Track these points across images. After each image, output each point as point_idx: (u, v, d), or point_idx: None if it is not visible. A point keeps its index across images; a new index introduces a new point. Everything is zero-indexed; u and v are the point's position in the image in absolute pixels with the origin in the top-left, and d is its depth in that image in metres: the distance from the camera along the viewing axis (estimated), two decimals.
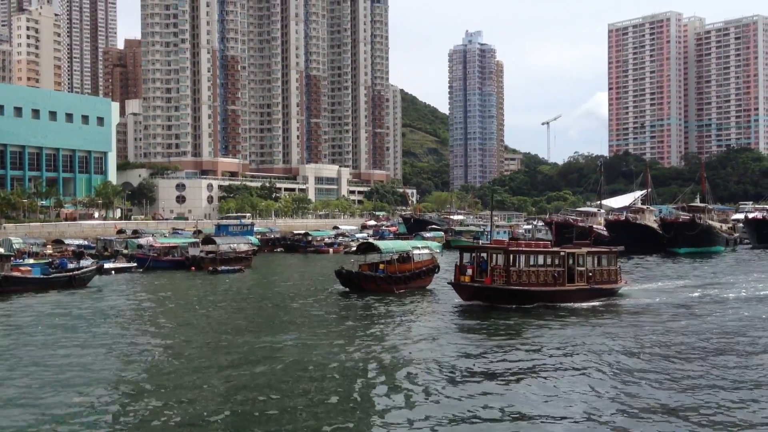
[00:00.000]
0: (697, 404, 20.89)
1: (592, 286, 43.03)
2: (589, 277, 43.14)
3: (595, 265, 44.01)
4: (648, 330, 33.35)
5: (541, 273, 41.08)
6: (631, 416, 19.83)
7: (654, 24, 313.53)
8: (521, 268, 40.63)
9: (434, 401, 21.42)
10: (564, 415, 20.05)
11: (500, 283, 40.36)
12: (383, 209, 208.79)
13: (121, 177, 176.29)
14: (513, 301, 40.01)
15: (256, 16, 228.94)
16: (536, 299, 40.49)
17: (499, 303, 40.03)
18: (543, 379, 24.11)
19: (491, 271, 40.59)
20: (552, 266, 41.67)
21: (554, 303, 40.63)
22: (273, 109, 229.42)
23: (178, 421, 19.62)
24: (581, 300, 41.71)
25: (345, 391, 22.83)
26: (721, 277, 60.97)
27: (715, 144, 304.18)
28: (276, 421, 19.61)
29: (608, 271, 45.10)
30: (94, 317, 38.95)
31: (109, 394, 22.46)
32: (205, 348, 29.95)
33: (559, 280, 41.47)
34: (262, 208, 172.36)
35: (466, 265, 42.00)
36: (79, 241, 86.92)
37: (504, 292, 40.19)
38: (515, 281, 40.30)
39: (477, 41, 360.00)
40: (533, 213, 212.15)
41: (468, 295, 41.06)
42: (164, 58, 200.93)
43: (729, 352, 27.98)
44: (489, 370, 25.30)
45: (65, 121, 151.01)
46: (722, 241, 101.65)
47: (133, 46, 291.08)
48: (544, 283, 40.99)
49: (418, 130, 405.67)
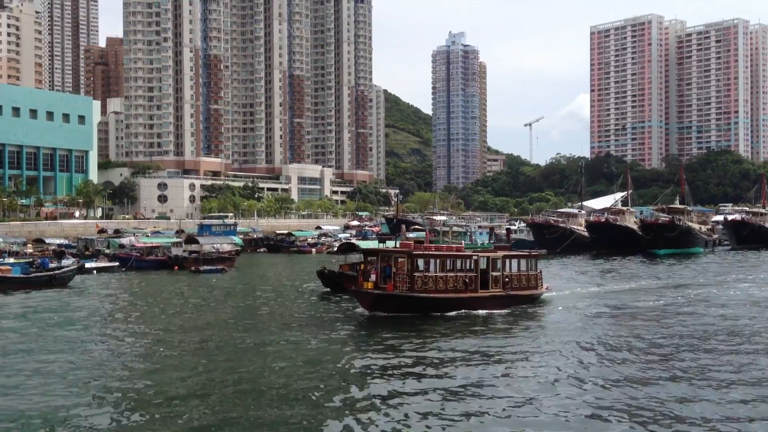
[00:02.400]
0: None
1: (508, 292, 40.66)
2: (505, 282, 40.76)
3: (512, 270, 41.65)
4: (542, 341, 31.00)
5: (450, 279, 38.36)
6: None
7: (636, 27, 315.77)
8: (427, 273, 37.78)
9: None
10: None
11: (403, 289, 37.24)
12: (366, 209, 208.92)
13: (103, 176, 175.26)
14: (418, 310, 37.28)
15: (239, 15, 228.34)
16: (444, 307, 37.83)
17: (403, 312, 37.13)
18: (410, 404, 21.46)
19: (394, 276, 37.51)
20: (463, 271, 39.08)
21: (465, 311, 38.17)
22: (256, 109, 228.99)
23: (154, 423, 19.71)
24: (495, 307, 39.30)
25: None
26: (672, 280, 59.49)
27: (696, 146, 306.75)
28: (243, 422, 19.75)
29: (527, 276, 42.60)
30: (72, 317, 38.85)
31: (78, 396, 22.30)
32: (184, 349, 29.99)
33: (470, 286, 38.96)
34: (245, 207, 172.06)
35: (369, 271, 38.71)
36: (60, 241, 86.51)
37: (407, 300, 37.25)
38: (420, 288, 37.30)
39: (460, 42, 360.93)
40: (515, 214, 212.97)
41: (368, 303, 37.77)
42: (146, 57, 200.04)
43: (633, 382, 23.80)
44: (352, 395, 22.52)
45: (46, 119, 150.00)
46: (701, 242, 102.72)
47: (115, 44, 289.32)
48: (453, 289, 38.32)
49: (401, 131, 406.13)
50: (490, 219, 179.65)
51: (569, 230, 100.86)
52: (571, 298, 46.08)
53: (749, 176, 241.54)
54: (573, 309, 41.01)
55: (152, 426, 19.39)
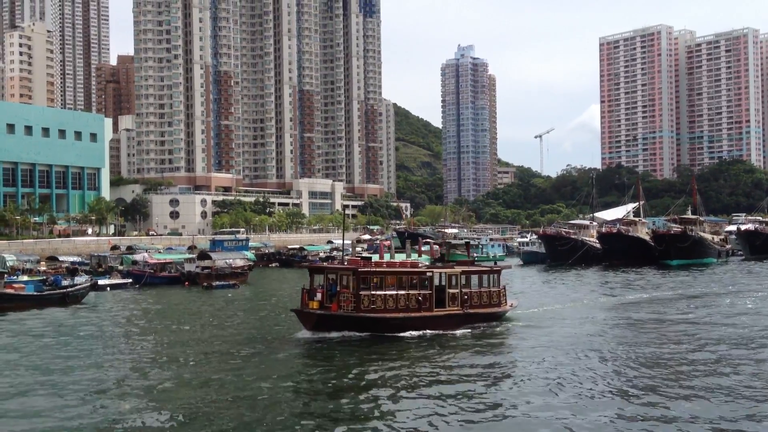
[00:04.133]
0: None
1: (467, 310, 38.36)
2: (463, 300, 38.39)
3: (471, 287, 39.24)
4: (489, 368, 28.84)
5: (402, 297, 36.03)
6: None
7: (645, 37, 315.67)
8: (376, 292, 35.57)
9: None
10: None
11: (348, 309, 35.17)
12: (377, 223, 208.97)
13: (115, 193, 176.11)
14: (365, 331, 35.17)
15: (249, 32, 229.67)
16: (394, 328, 35.56)
17: (353, 332, 35.07)
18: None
19: (337, 295, 35.49)
20: (416, 289, 36.68)
21: (418, 331, 35.90)
22: (266, 124, 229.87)
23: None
24: (452, 327, 37.06)
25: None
26: (686, 290, 58.12)
27: (708, 156, 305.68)
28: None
29: (489, 293, 40.12)
30: (85, 334, 38.95)
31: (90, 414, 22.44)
32: (198, 364, 30.02)
33: (424, 305, 36.63)
34: (256, 223, 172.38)
35: (316, 289, 36.46)
36: (73, 258, 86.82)
37: (353, 321, 35.09)
38: (367, 307, 35.14)
39: (469, 55, 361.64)
40: (527, 226, 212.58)
41: (311, 324, 35.37)
42: (157, 74, 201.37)
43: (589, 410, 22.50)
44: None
45: (58, 137, 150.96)
46: (714, 252, 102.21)
47: (126, 62, 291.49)
48: (405, 308, 35.99)
49: (411, 144, 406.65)
50: (502, 231, 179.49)
51: (581, 242, 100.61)
52: (539, 316, 43.65)
53: (762, 185, 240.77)
54: (536, 329, 38.46)
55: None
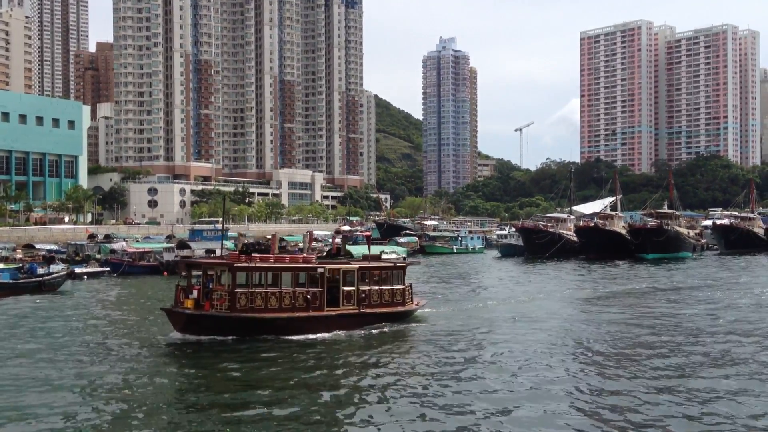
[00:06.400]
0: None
1: (363, 310, 35.07)
2: (361, 298, 35.15)
3: (371, 284, 35.95)
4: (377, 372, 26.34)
5: (287, 295, 32.67)
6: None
7: (625, 32, 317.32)
8: (255, 289, 31.99)
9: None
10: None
11: (222, 309, 31.65)
12: (357, 214, 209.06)
13: (92, 181, 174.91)
14: (242, 333, 31.73)
15: (230, 21, 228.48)
16: (277, 329, 32.16)
17: (226, 335, 31.52)
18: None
19: (211, 293, 32.05)
20: (305, 286, 33.46)
21: (306, 333, 32.41)
22: (246, 114, 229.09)
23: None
24: (346, 328, 33.86)
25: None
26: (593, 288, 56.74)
27: (685, 151, 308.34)
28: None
29: (391, 291, 36.71)
30: (59, 322, 38.79)
31: (49, 404, 22.37)
32: (169, 353, 30.06)
33: (314, 304, 33.31)
34: (236, 213, 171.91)
35: (193, 286, 32.91)
36: (50, 246, 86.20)
37: (227, 322, 31.61)
38: (244, 307, 31.62)
39: (451, 48, 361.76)
40: (506, 219, 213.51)
41: (180, 325, 31.83)
42: (137, 62, 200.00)
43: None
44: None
45: (35, 124, 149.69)
46: (689, 247, 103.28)
47: (105, 49, 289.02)
48: (290, 308, 32.62)
49: (392, 136, 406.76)
50: (481, 224, 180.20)
51: (558, 235, 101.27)
52: (452, 315, 40.22)
53: (738, 181, 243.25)
54: (444, 331, 34.79)
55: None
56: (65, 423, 19.96)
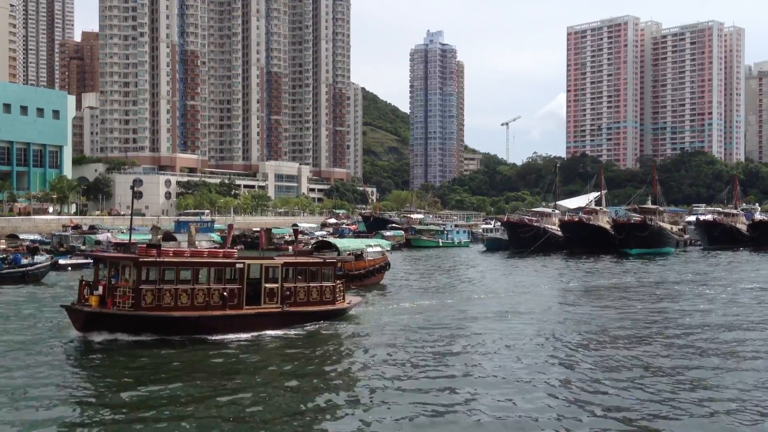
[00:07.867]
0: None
1: (286, 308, 32.73)
2: (285, 296, 32.92)
3: (296, 281, 33.87)
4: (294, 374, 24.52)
5: (200, 293, 30.43)
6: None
7: (612, 28, 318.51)
8: (163, 286, 29.82)
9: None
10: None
11: (124, 306, 29.40)
12: (343, 207, 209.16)
13: (77, 171, 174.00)
14: (147, 332, 29.41)
15: (217, 11, 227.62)
16: (188, 329, 29.95)
17: (132, 335, 29.23)
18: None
19: (114, 290, 29.87)
20: (221, 283, 31.11)
21: (221, 333, 30.28)
22: (233, 105, 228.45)
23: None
24: (268, 327, 31.69)
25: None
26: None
27: (670, 147, 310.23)
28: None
29: (319, 288, 34.42)
30: (40, 313, 38.68)
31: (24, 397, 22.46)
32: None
33: (231, 302, 31.13)
34: (221, 205, 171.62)
35: (99, 281, 30.88)
36: (34, 237, 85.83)
37: (130, 320, 29.35)
38: (150, 304, 29.51)
39: (438, 41, 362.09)
40: (492, 213, 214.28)
41: (80, 323, 29.61)
42: (122, 52, 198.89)
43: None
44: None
45: (20, 113, 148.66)
46: (672, 242, 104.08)
47: (91, 38, 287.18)
48: (203, 306, 30.42)
49: (378, 129, 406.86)
50: (467, 218, 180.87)
51: (543, 229, 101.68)
52: (388, 313, 38.28)
53: (722, 177, 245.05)
54: (375, 330, 32.93)
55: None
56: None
